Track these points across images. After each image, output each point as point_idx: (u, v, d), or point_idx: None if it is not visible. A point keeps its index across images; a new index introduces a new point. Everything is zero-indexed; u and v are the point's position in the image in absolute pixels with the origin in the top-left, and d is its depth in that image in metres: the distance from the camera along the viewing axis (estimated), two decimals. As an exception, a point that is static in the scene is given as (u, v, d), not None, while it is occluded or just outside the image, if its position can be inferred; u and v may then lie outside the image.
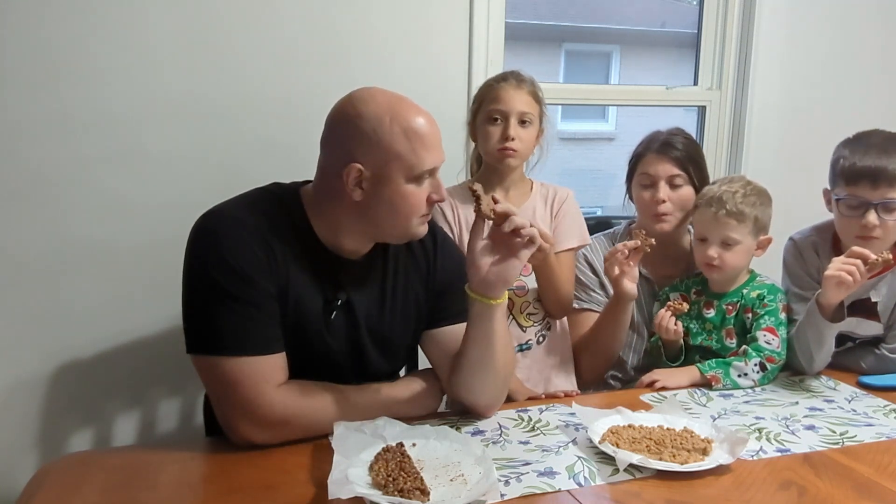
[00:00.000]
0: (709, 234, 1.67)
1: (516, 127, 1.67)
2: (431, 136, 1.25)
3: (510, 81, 1.70)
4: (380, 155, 1.22)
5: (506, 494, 1.11)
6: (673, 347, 1.71)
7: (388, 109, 1.23)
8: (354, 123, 1.23)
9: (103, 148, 1.83)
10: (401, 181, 1.23)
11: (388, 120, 1.22)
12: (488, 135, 1.70)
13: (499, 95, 1.69)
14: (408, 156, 1.22)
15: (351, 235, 1.31)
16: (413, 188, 1.25)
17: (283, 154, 1.83)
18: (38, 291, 1.83)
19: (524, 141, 1.69)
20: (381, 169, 1.22)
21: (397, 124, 1.22)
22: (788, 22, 2.44)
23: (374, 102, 1.24)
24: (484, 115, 1.71)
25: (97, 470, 1.20)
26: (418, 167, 1.23)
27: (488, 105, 1.70)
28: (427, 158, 1.24)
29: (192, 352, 1.24)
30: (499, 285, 1.26)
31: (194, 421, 1.96)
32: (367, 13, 1.99)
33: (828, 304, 1.56)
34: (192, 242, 1.26)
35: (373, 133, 1.21)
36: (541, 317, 1.79)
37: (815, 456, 1.29)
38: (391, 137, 1.21)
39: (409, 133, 1.22)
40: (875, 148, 1.61)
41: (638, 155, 1.83)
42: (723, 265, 1.66)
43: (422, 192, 1.26)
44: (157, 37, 1.83)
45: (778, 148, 2.49)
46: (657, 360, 1.74)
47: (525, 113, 1.68)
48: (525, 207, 1.75)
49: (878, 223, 1.59)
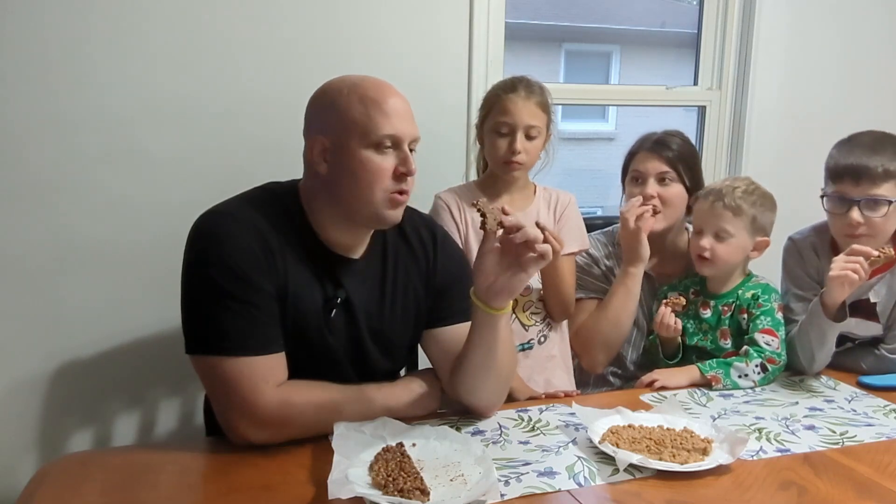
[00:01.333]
0: (704, 225, 1.68)
1: (523, 140, 1.67)
2: (392, 105, 1.25)
3: (519, 93, 1.68)
4: (337, 123, 1.25)
5: (506, 494, 1.11)
6: (671, 345, 1.72)
7: (351, 83, 1.27)
8: (319, 100, 1.29)
9: (103, 148, 1.83)
10: (358, 148, 1.24)
11: (346, 91, 1.26)
12: (495, 146, 1.70)
13: (507, 107, 1.68)
14: (363, 120, 1.24)
15: (335, 223, 1.31)
16: (372, 155, 1.25)
17: (283, 154, 1.82)
18: (38, 291, 1.83)
19: (530, 153, 1.70)
20: (339, 137, 1.25)
21: (354, 93, 1.25)
22: (788, 22, 2.44)
23: (339, 80, 1.29)
24: (491, 125, 1.70)
25: (97, 470, 1.20)
26: (374, 132, 1.24)
27: (496, 116, 1.69)
28: (384, 124, 1.24)
29: (191, 352, 1.24)
30: (504, 296, 1.24)
31: (194, 421, 1.96)
32: (367, 13, 1.99)
33: (832, 304, 1.56)
34: (191, 242, 1.26)
35: (331, 104, 1.26)
36: (543, 316, 1.79)
37: (815, 456, 1.29)
38: (347, 104, 1.25)
39: (366, 100, 1.25)
40: (862, 147, 1.63)
41: (631, 153, 1.85)
42: (714, 258, 1.66)
43: (384, 162, 1.26)
44: (157, 37, 1.83)
45: (778, 148, 2.49)
46: (655, 358, 1.74)
47: (532, 126, 1.68)
48: (529, 212, 1.76)
49: (862, 220, 1.60)
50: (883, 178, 1.58)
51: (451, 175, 1.99)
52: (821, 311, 1.58)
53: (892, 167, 1.59)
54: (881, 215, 1.60)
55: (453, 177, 2.00)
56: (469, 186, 1.80)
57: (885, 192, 1.59)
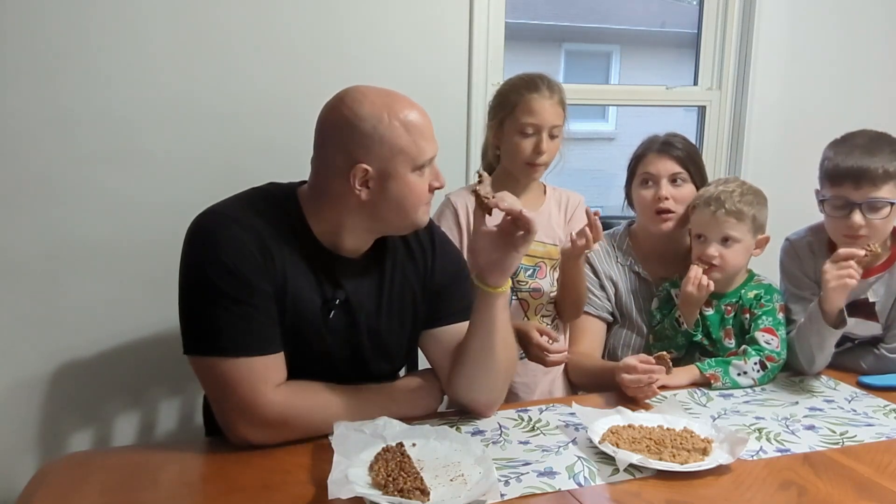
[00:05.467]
0: (708, 233, 1.68)
1: (548, 141, 1.67)
2: (427, 126, 1.28)
3: (543, 92, 1.67)
4: (384, 152, 1.23)
5: (506, 494, 1.11)
6: (693, 313, 1.69)
7: (384, 106, 1.24)
8: (353, 125, 1.23)
9: (103, 148, 1.83)
10: (406, 174, 1.25)
11: (386, 116, 1.23)
12: (519, 147, 1.68)
13: (532, 107, 1.66)
14: (410, 148, 1.24)
15: (353, 234, 1.31)
16: (416, 178, 1.27)
17: (283, 154, 1.82)
18: (38, 291, 1.83)
19: (552, 153, 1.70)
20: (386, 165, 1.24)
21: (396, 119, 1.23)
22: (788, 22, 2.44)
23: (368, 101, 1.24)
24: (515, 126, 1.68)
25: (97, 470, 1.20)
26: (420, 158, 1.26)
27: (521, 116, 1.67)
28: (427, 148, 1.27)
29: (189, 353, 1.24)
30: (497, 273, 1.29)
31: (194, 421, 1.96)
32: (367, 13, 1.99)
33: (831, 310, 1.56)
34: (189, 243, 1.26)
35: (374, 131, 1.22)
36: (552, 318, 1.80)
37: (815, 456, 1.29)
38: (392, 133, 1.23)
39: (409, 126, 1.24)
40: (859, 148, 1.62)
41: (638, 156, 1.83)
42: (723, 264, 1.66)
43: (424, 182, 1.29)
44: (157, 37, 1.83)
45: (778, 148, 2.49)
46: (671, 340, 1.72)
47: (556, 126, 1.68)
48: (541, 211, 1.77)
49: (864, 223, 1.60)
50: (883, 179, 1.58)
51: (451, 175, 1.97)
52: (820, 317, 1.57)
53: (891, 168, 1.58)
54: (882, 217, 1.60)
55: (453, 177, 2.00)
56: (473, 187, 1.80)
57: (886, 194, 1.59)
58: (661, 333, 1.76)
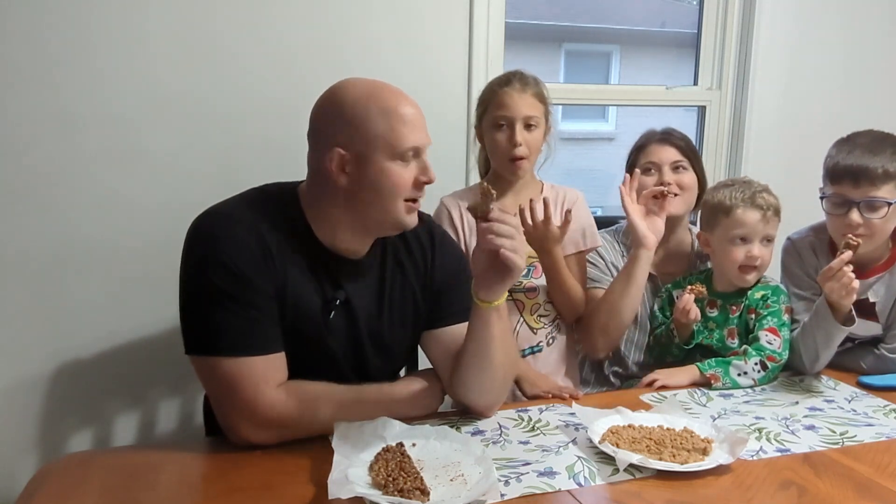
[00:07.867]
0: (754, 235, 1.66)
1: (522, 132, 1.67)
2: (411, 115, 1.26)
3: (514, 85, 1.69)
4: (359, 136, 1.23)
5: (506, 494, 1.11)
6: (686, 331, 1.70)
7: (366, 92, 1.25)
8: (333, 110, 1.25)
9: (103, 147, 1.83)
10: (383, 160, 1.24)
11: (364, 101, 1.24)
12: (496, 142, 1.69)
13: (503, 101, 1.68)
14: (387, 134, 1.23)
15: (346, 230, 1.31)
16: (396, 167, 1.25)
17: (283, 154, 1.82)
18: (38, 291, 1.83)
19: (531, 145, 1.69)
20: (362, 150, 1.24)
21: (374, 104, 1.23)
22: (788, 22, 2.44)
23: (352, 88, 1.26)
24: (489, 121, 1.70)
25: (97, 470, 1.20)
26: (399, 145, 1.24)
27: (493, 111, 1.69)
28: (408, 136, 1.24)
29: (190, 353, 1.24)
30: (485, 289, 1.26)
31: (194, 421, 1.96)
32: (367, 13, 1.99)
33: (840, 310, 1.56)
34: (189, 243, 1.26)
35: (351, 116, 1.23)
36: (551, 318, 1.79)
37: (815, 456, 1.29)
38: (368, 117, 1.23)
39: (388, 112, 1.23)
40: (861, 147, 1.62)
41: (639, 147, 1.86)
42: (763, 264, 1.67)
43: (406, 172, 1.27)
44: (157, 36, 1.83)
45: (778, 148, 2.49)
46: (666, 348, 1.73)
47: (530, 117, 1.68)
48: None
49: (861, 222, 1.59)
50: (883, 179, 1.58)
51: (451, 176, 1.99)
52: (829, 315, 1.56)
53: (891, 168, 1.58)
54: (881, 217, 1.60)
55: (453, 178, 2.00)
56: (473, 189, 1.80)
57: (885, 194, 1.59)
58: (659, 339, 1.76)
